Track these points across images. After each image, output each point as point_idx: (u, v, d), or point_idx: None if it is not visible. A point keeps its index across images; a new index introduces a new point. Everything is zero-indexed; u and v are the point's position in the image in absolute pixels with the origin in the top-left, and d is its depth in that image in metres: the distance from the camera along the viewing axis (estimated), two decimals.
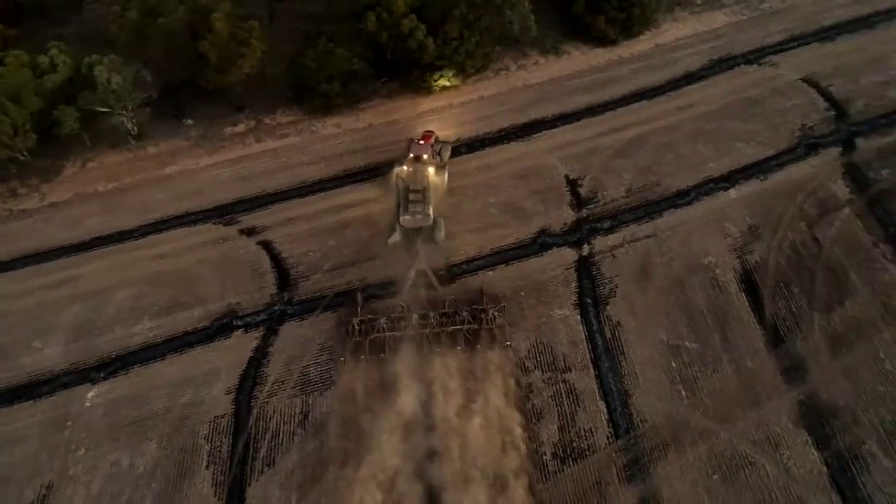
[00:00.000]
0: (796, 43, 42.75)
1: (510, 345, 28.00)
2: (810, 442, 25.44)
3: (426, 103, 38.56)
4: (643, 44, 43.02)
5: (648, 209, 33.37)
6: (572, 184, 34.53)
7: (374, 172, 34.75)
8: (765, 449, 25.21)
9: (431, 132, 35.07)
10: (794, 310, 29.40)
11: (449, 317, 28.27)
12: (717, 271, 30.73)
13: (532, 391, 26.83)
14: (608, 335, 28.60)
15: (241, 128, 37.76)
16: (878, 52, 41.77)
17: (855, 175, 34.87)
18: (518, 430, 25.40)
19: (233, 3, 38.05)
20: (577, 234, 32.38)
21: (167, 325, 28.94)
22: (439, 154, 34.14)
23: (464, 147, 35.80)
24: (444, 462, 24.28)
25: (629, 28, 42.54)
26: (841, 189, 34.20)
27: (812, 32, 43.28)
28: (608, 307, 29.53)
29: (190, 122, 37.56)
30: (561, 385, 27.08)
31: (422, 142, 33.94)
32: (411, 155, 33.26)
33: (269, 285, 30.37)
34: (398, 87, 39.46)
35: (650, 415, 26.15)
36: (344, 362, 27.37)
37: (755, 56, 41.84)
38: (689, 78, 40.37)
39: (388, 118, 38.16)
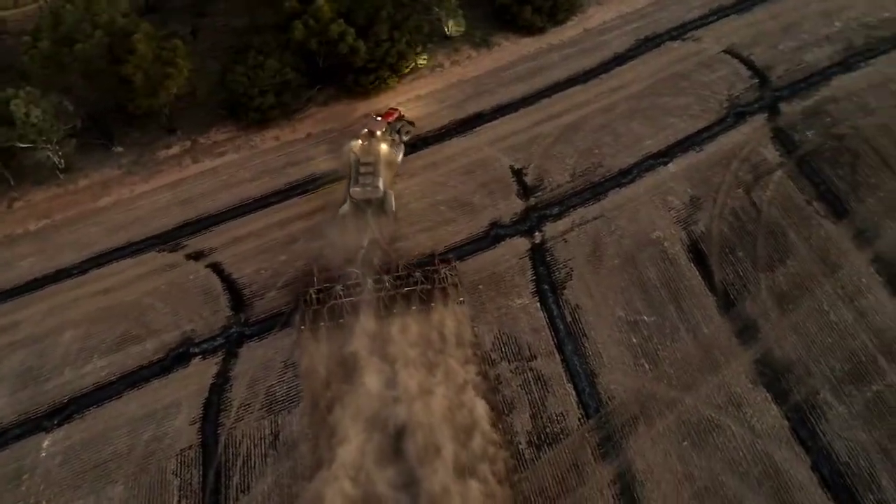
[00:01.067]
0: (716, 16, 44.24)
1: (463, 301, 29.00)
2: (769, 398, 26.46)
3: (363, 107, 38.20)
4: (571, 30, 43.73)
5: (594, 191, 34.01)
6: (517, 174, 34.87)
7: (319, 182, 34.28)
8: (728, 410, 26.09)
9: (396, 110, 35.69)
10: (740, 273, 30.51)
11: (402, 279, 29.20)
12: (665, 244, 31.59)
13: (501, 382, 27.00)
14: (568, 319, 29.04)
15: (175, 150, 36.62)
16: (791, 19, 43.66)
17: (782, 138, 36.40)
18: (480, 407, 25.89)
19: (152, 23, 37.01)
20: (528, 222, 32.74)
21: (120, 362, 27.85)
22: (398, 132, 34.82)
23: (407, 147, 35.60)
24: (414, 438, 24.51)
25: (555, 15, 43.18)
26: (771, 153, 35.64)
27: (730, 5, 44.86)
28: (566, 291, 29.98)
29: (120, 149, 36.21)
30: (528, 373, 27.35)
31: (379, 118, 34.61)
32: (365, 130, 33.80)
33: (223, 308, 29.60)
34: (334, 92, 39.02)
35: (617, 391, 26.70)
36: (303, 331, 27.93)
37: (679, 32, 43.13)
38: (619, 59, 41.30)
39: (326, 126, 37.69)
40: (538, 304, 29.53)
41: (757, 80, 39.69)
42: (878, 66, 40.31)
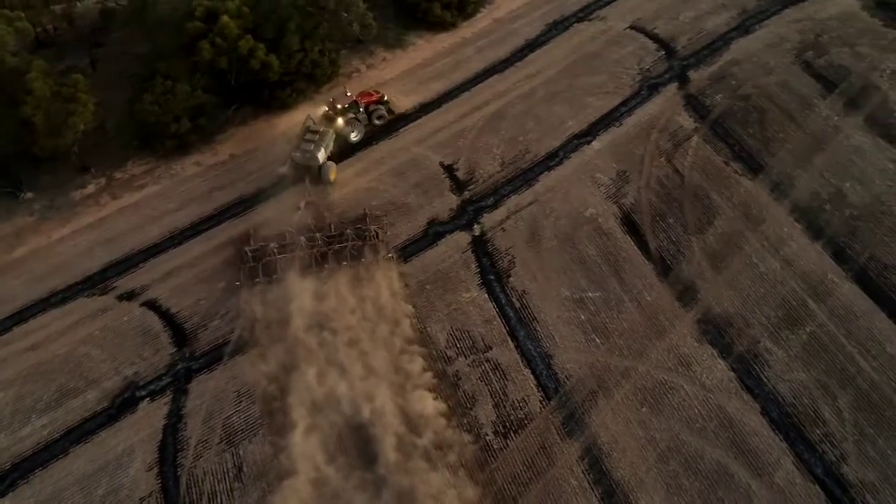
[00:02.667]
0: None
1: (392, 256, 30.60)
2: (715, 354, 27.65)
3: (284, 121, 37.43)
4: (481, 22, 44.24)
5: (525, 177, 34.54)
6: (448, 169, 35.03)
7: (248, 203, 33.42)
8: (679, 371, 27.11)
9: (378, 93, 37.05)
10: (673, 239, 31.70)
11: (335, 237, 30.85)
12: (599, 220, 32.44)
13: (460, 378, 27.11)
14: (517, 305, 29.43)
15: (91, 189, 34.85)
16: None
17: (694, 105, 38.01)
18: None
19: (46, 58, 35.10)
20: (465, 216, 32.94)
21: (61, 418, 26.34)
22: (370, 114, 36.43)
23: (336, 156, 35.16)
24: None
25: (465, 9, 43.58)
26: (686, 120, 37.16)
27: None
28: (511, 279, 30.36)
29: (30, 195, 34.18)
30: (486, 365, 27.57)
31: (349, 94, 36.20)
32: (331, 100, 35.64)
33: (165, 346, 28.44)
34: (252, 110, 38.02)
35: (573, 369, 27.28)
36: (240, 286, 29.65)
37: (585, 13, 44.33)
38: (532, 45, 42.07)
39: (248, 145, 36.69)
40: (486, 296, 29.79)
41: (664, 52, 41.28)
42: (772, 27, 42.69)
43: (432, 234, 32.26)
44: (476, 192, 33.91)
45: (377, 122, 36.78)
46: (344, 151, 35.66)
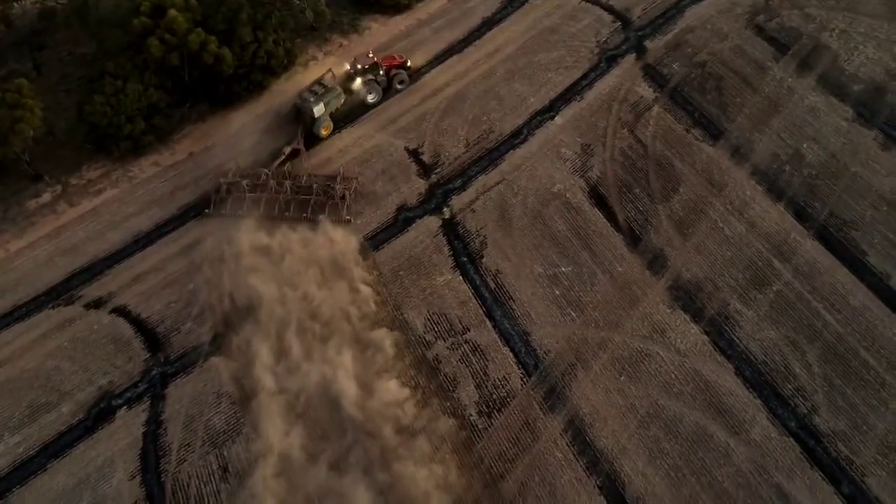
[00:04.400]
0: None
1: (349, 220, 31.48)
2: (688, 319, 28.24)
3: (240, 116, 36.63)
4: (436, 2, 43.79)
5: (491, 157, 34.54)
6: (414, 154, 34.80)
7: (212, 200, 32.74)
8: (654, 338, 27.64)
9: (401, 57, 37.76)
10: (640, 209, 32.11)
11: (304, 188, 32.02)
12: (567, 195, 32.67)
13: (440, 361, 27.21)
14: (492, 285, 29.57)
15: (46, 197, 33.73)
16: None
17: (653, 75, 38.35)
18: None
19: None
20: (434, 200, 32.84)
21: (35, 434, 25.69)
22: (391, 78, 37.00)
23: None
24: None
25: None
26: (645, 90, 37.49)
27: None
28: (484, 259, 30.45)
29: None
30: (465, 346, 27.70)
31: (371, 55, 36.69)
32: (353, 59, 36.62)
33: (138, 352, 27.88)
34: (208, 106, 37.10)
35: (551, 344, 27.60)
36: (208, 214, 31.81)
37: None
38: (489, 23, 41.82)
39: (207, 142, 35.86)
40: (461, 278, 29.85)
41: (619, 24, 41.47)
42: None
43: (402, 220, 32.11)
44: (443, 175, 33.81)
45: (398, 86, 37.41)
46: (304, 143, 35.06)
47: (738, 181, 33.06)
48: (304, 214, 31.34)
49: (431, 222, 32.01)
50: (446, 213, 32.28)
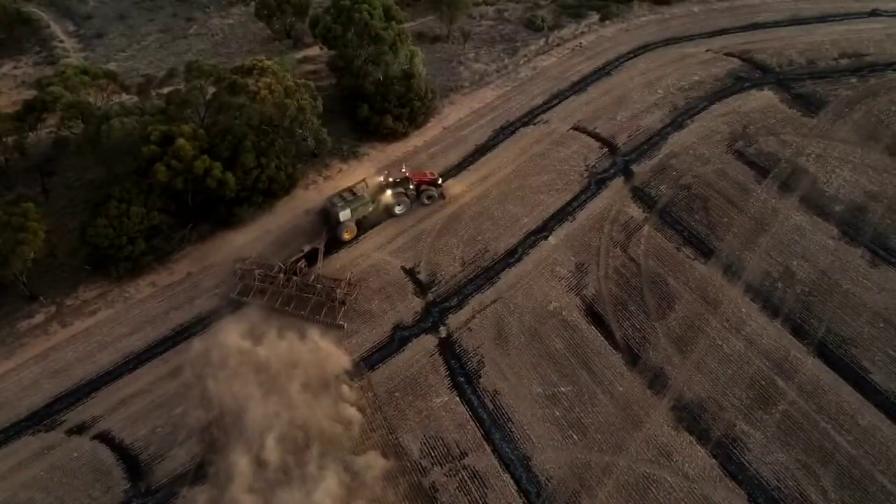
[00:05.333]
0: (557, 100, 48.67)
1: (342, 325, 31.88)
2: (693, 441, 27.25)
3: (240, 237, 37.29)
4: (431, 130, 46.19)
5: (486, 276, 34.87)
6: (410, 273, 35.14)
7: (207, 321, 32.53)
8: (661, 462, 26.47)
9: (433, 175, 39.36)
10: (637, 327, 31.99)
11: (308, 287, 32.97)
12: (563, 313, 32.65)
13: (437, 490, 25.79)
14: (490, 407, 28.72)
15: (39, 318, 33.46)
16: (621, 93, 48.99)
17: (641, 196, 39.75)
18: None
19: None
20: (430, 318, 32.73)
21: None
22: (420, 193, 38.46)
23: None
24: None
25: (415, 120, 45.56)
26: (635, 211, 38.67)
27: (567, 88, 49.69)
28: (481, 379, 29.82)
29: None
30: (463, 472, 26.40)
31: (403, 170, 38.56)
32: (386, 172, 38.45)
33: (117, 482, 26.41)
34: (209, 228, 37.88)
35: (553, 470, 26.35)
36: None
37: (529, 118, 46.82)
38: (482, 150, 43.89)
39: (205, 262, 36.22)
40: (458, 399, 29.07)
41: (606, 149, 43.58)
42: (702, 121, 45.82)
43: (398, 339, 31.79)
44: (439, 294, 33.93)
45: (426, 201, 38.66)
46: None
47: (732, 298, 33.25)
48: (302, 313, 31.95)
49: (427, 341, 31.69)
50: (443, 331, 32.05)
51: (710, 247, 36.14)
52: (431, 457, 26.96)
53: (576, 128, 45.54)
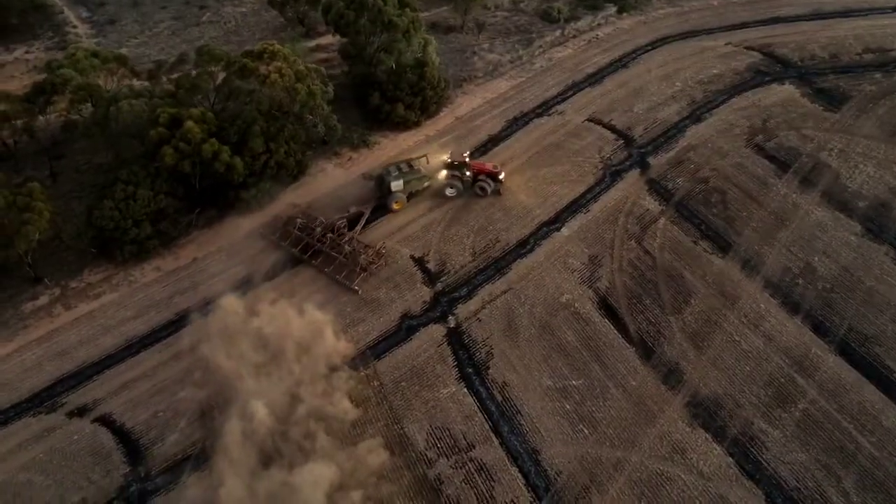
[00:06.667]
0: (572, 92, 47.78)
1: (357, 290, 32.26)
2: (709, 438, 26.31)
3: (247, 223, 36.69)
4: (443, 120, 45.44)
5: (497, 266, 34.08)
6: (419, 262, 34.40)
7: (211, 307, 31.94)
8: (675, 459, 25.56)
9: (495, 168, 38.22)
10: (652, 321, 31.06)
11: (337, 246, 33.71)
12: (576, 306, 31.78)
13: (442, 482, 25.03)
14: (499, 399, 27.93)
15: (43, 300, 33.06)
16: (638, 85, 48.01)
17: (657, 189, 38.78)
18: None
19: (3, 171, 34.39)
20: (439, 308, 31.98)
21: None
22: (476, 181, 37.61)
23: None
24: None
25: (427, 109, 44.82)
26: (651, 203, 37.72)
27: (582, 80, 48.77)
28: (490, 371, 29.03)
29: None
30: (469, 465, 25.62)
31: (465, 154, 38.17)
32: (450, 152, 38.22)
33: (117, 466, 25.88)
34: (216, 213, 37.33)
35: (563, 464, 25.51)
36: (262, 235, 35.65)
37: (543, 109, 45.96)
38: (495, 140, 43.08)
39: (211, 248, 35.70)
40: (465, 390, 28.29)
41: (622, 141, 42.63)
42: (721, 114, 44.76)
43: (405, 328, 31.07)
44: (449, 284, 33.17)
45: (478, 192, 37.81)
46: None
47: (750, 294, 32.24)
48: (326, 269, 33.19)
49: (436, 331, 30.94)
50: (451, 321, 31.29)
51: (728, 241, 35.13)
52: (437, 448, 26.20)
53: (591, 119, 44.63)
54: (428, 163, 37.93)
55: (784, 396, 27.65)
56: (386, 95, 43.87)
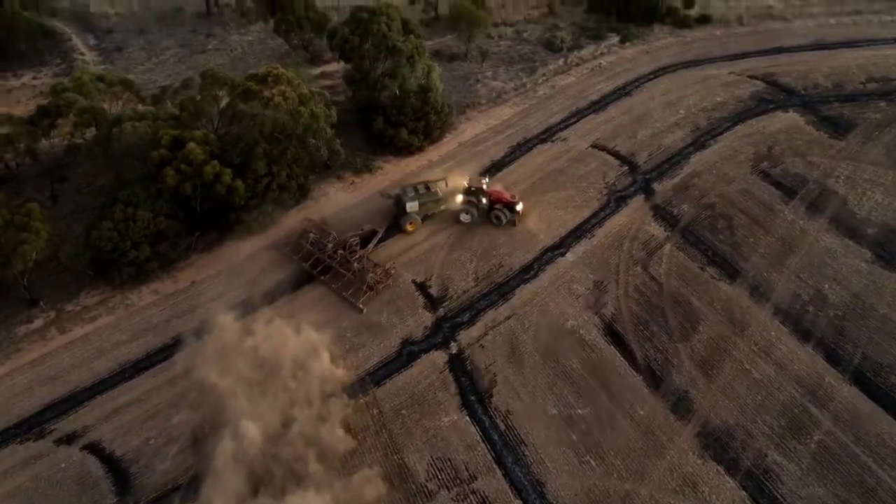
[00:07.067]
0: (575, 119, 47.64)
1: (362, 308, 32.03)
2: (721, 471, 25.32)
3: (248, 246, 36.20)
4: (447, 145, 45.23)
5: (500, 291, 33.41)
6: (421, 287, 33.77)
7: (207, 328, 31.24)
8: (686, 493, 24.54)
9: (513, 197, 37.41)
10: (659, 348, 30.26)
11: (345, 262, 33.42)
12: (581, 332, 31.03)
13: None
14: (502, 427, 27.01)
15: (38, 323, 32.40)
16: (641, 112, 47.91)
17: (662, 214, 38.29)
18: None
19: (4, 193, 34.12)
20: (441, 334, 31.24)
21: None
22: (492, 210, 36.84)
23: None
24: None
25: (430, 134, 44.63)
26: (656, 229, 37.19)
27: (585, 107, 48.70)
28: (493, 398, 28.16)
29: None
30: (471, 497, 24.63)
31: (485, 181, 37.40)
32: (469, 177, 37.76)
33: (104, 496, 24.92)
34: (217, 236, 36.86)
35: (569, 497, 24.51)
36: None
37: (547, 135, 45.76)
38: (498, 165, 42.78)
39: (210, 271, 35.12)
40: (468, 419, 27.41)
41: (626, 167, 42.30)
42: (725, 141, 44.50)
43: (406, 354, 30.30)
44: (451, 309, 32.49)
45: (493, 221, 37.05)
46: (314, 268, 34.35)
47: (760, 321, 31.47)
48: (333, 285, 33.12)
49: (437, 357, 30.15)
50: (454, 347, 30.53)
51: (735, 267, 34.48)
52: (438, 479, 25.24)
53: (595, 145, 44.39)
54: (447, 186, 37.57)
55: (798, 427, 26.70)
56: (389, 120, 43.78)
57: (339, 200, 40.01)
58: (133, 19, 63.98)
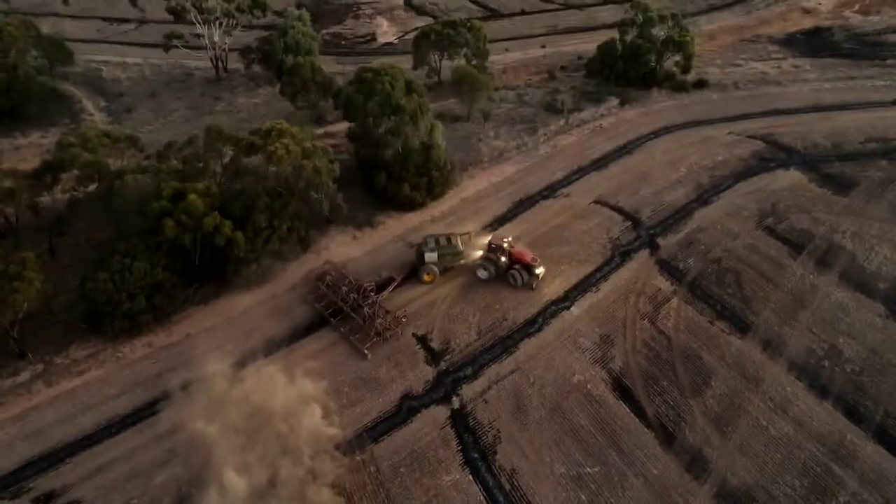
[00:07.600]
0: (577, 176, 47.83)
1: (367, 354, 31.46)
2: None
3: (246, 299, 35.50)
4: (449, 201, 45.19)
5: (504, 345, 32.41)
6: (422, 340, 32.79)
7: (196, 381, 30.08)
8: None
9: (535, 259, 36.39)
10: (671, 403, 28.98)
11: (359, 308, 33.24)
12: (588, 387, 29.81)
13: None
14: (507, 487, 25.46)
15: (24, 376, 31.32)
16: (642, 170, 48.11)
17: (668, 269, 37.66)
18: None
19: (3, 248, 33.75)
20: (442, 388, 30.03)
21: None
22: (513, 270, 36.04)
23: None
24: None
25: (432, 190, 44.67)
26: (663, 283, 36.46)
27: (587, 165, 48.97)
28: (497, 456, 26.70)
29: None
30: None
31: (506, 240, 36.94)
32: (490, 237, 37.64)
33: None
34: (213, 289, 36.21)
35: None
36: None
37: (549, 192, 45.78)
38: (500, 220, 42.56)
39: (206, 324, 34.32)
40: (470, 477, 25.92)
41: (630, 223, 42.01)
42: (728, 198, 44.39)
43: (406, 409, 29.00)
44: (453, 362, 31.41)
45: (510, 281, 36.20)
46: (310, 325, 33.43)
47: (774, 376, 30.27)
48: (341, 328, 32.97)
49: (439, 413, 28.86)
50: (456, 402, 29.25)
51: (745, 321, 33.53)
52: None
53: (597, 201, 44.32)
54: (470, 240, 37.67)
55: (822, 488, 25.10)
56: (392, 176, 43.91)
57: (339, 255, 39.49)
58: (144, 84, 65.66)
